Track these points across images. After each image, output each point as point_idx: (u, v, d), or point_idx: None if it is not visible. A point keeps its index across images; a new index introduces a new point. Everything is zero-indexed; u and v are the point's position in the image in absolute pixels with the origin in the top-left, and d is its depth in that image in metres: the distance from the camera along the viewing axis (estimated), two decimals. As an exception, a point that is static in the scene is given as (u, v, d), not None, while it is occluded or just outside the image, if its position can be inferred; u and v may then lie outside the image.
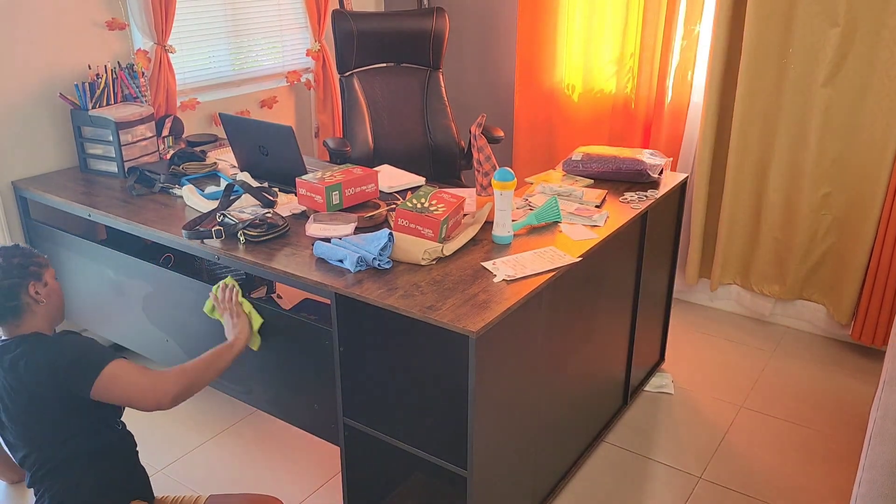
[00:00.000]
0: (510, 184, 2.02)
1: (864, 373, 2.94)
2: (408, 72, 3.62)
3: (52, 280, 1.85)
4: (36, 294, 1.78)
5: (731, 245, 3.24)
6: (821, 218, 3.00)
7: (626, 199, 2.42)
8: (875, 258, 2.88)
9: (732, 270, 3.30)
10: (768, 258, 3.18)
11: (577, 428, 2.37)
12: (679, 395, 2.81)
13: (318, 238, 2.06)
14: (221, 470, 2.41)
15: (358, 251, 1.92)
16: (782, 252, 3.13)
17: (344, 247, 1.96)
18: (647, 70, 3.31)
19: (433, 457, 1.82)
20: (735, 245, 3.24)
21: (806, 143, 2.94)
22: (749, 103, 2.99)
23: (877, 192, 2.83)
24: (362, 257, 1.90)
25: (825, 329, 3.20)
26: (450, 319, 1.66)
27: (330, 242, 2.01)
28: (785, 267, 3.14)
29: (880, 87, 2.74)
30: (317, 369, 2.01)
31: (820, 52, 2.81)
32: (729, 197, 3.15)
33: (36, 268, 1.80)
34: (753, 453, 2.48)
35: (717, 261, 3.26)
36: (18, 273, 1.76)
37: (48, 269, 1.85)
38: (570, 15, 3.44)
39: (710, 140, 3.12)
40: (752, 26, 2.88)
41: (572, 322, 2.13)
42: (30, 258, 1.81)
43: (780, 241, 3.12)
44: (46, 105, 2.75)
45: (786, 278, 3.15)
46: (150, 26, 2.88)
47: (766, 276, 3.21)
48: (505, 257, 1.98)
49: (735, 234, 3.22)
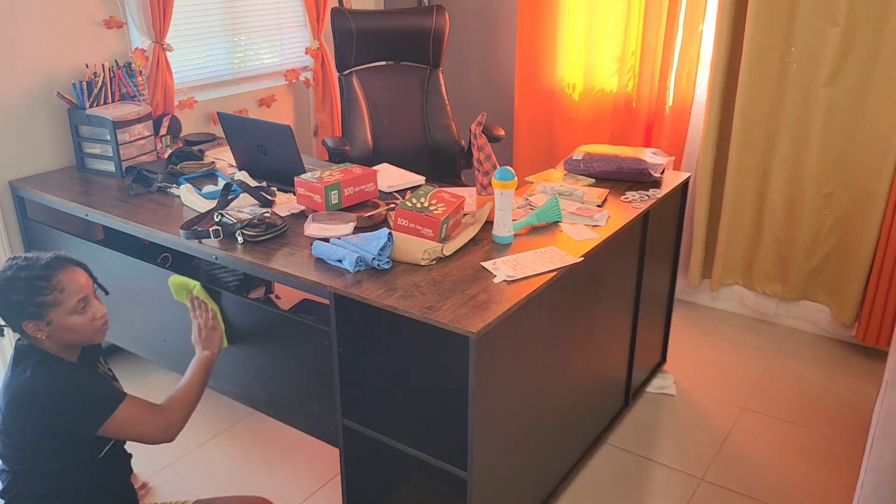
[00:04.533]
0: (511, 183, 2.01)
1: (867, 374, 2.92)
2: (407, 70, 3.60)
3: (61, 317, 1.64)
4: (36, 331, 1.64)
5: (733, 245, 3.23)
6: (823, 217, 2.98)
7: (628, 199, 2.41)
8: (879, 258, 2.87)
9: (735, 271, 3.28)
10: (771, 258, 3.16)
11: (578, 429, 2.35)
12: (681, 396, 2.79)
13: (316, 238, 2.04)
14: (220, 472, 2.39)
15: (357, 251, 1.90)
16: (785, 252, 3.12)
17: (343, 247, 1.95)
18: (649, 69, 3.29)
19: (433, 458, 1.81)
20: (737, 245, 3.22)
21: (808, 143, 2.92)
22: (751, 102, 2.98)
23: (880, 192, 2.81)
24: (361, 257, 1.89)
25: (828, 330, 3.18)
26: (450, 320, 1.65)
27: (329, 242, 1.99)
28: (788, 267, 3.13)
29: (882, 87, 2.73)
30: (316, 370, 2.00)
31: (821, 52, 2.79)
32: (731, 196, 3.13)
33: (35, 308, 1.61)
34: (755, 455, 2.47)
35: (719, 261, 3.25)
36: (16, 310, 1.62)
37: (58, 307, 1.63)
38: (572, 13, 3.43)
39: (713, 140, 3.11)
40: (754, 25, 2.87)
41: (573, 322, 2.11)
42: (32, 295, 1.61)
43: (783, 240, 3.11)
44: (44, 104, 2.73)
45: (788, 278, 3.14)
46: (147, 25, 2.87)
47: (769, 276, 3.20)
48: (505, 257, 1.97)
49: (737, 234, 3.20)
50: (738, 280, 3.30)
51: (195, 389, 1.86)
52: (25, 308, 1.61)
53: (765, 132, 3.02)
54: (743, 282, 3.29)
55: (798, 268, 3.09)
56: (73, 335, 1.68)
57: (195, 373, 1.90)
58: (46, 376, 1.63)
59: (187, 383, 1.86)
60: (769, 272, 3.19)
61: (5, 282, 1.62)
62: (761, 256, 3.19)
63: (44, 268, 1.64)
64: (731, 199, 3.13)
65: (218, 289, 2.17)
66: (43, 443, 1.64)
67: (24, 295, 1.61)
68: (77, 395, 1.63)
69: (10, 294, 1.61)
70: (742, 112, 3.00)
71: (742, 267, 3.26)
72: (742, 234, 3.20)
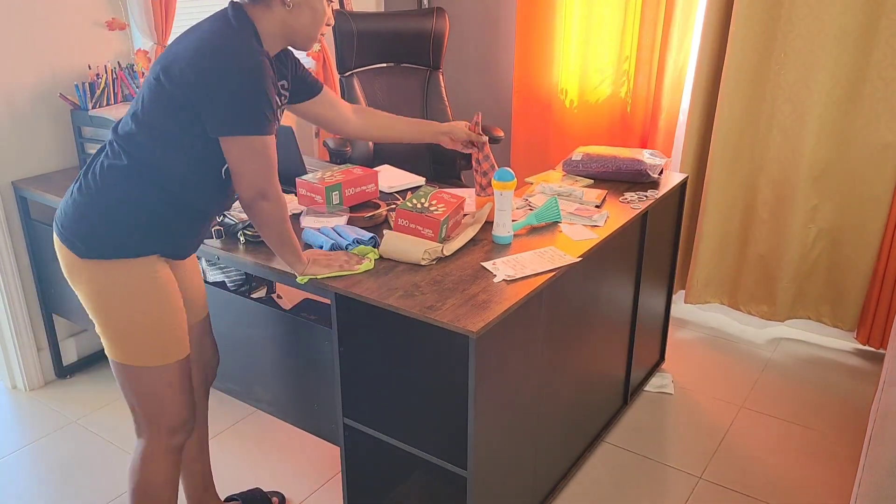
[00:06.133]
0: (510, 184, 2.02)
1: (865, 373, 2.94)
2: (408, 72, 3.62)
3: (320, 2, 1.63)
4: None
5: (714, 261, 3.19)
6: (808, 230, 2.94)
7: (626, 199, 2.42)
8: (882, 261, 2.85)
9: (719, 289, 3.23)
10: (755, 276, 3.12)
11: (577, 428, 2.37)
12: (679, 395, 2.80)
13: (311, 228, 2.09)
14: (221, 470, 2.41)
15: (333, 240, 1.98)
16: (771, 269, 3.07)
17: (325, 234, 2.03)
18: (644, 74, 3.30)
19: (433, 457, 1.82)
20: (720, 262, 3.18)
21: (799, 150, 2.87)
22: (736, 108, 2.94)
23: (882, 196, 2.79)
24: (337, 244, 1.95)
25: (826, 331, 3.19)
26: (450, 319, 1.66)
27: (319, 231, 2.05)
28: (774, 284, 3.07)
29: (873, 90, 2.71)
30: (317, 369, 2.01)
31: (810, 56, 2.76)
32: (713, 209, 3.10)
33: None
34: (754, 453, 2.48)
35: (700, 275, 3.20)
36: None
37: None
38: (568, 17, 3.43)
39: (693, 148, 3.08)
40: (739, 30, 2.83)
41: (572, 322, 2.13)
42: None
43: (768, 256, 3.07)
44: (46, 105, 2.75)
45: (775, 297, 3.09)
46: (150, 26, 2.88)
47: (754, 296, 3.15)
48: (505, 257, 1.98)
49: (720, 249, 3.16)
50: (722, 300, 3.26)
51: (279, 242, 1.75)
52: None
53: (752, 138, 2.98)
54: (728, 301, 3.25)
55: (785, 286, 3.03)
56: (299, 26, 1.64)
57: (291, 233, 1.77)
58: (235, 47, 1.55)
59: (286, 238, 1.75)
60: (754, 291, 3.14)
61: None
62: (746, 274, 3.14)
63: None
64: (714, 212, 3.10)
65: (219, 289, 2.18)
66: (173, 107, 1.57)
67: None
68: (232, 85, 1.53)
69: None
70: (727, 117, 2.96)
71: (727, 285, 3.22)
72: (726, 249, 3.16)
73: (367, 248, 1.97)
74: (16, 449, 2.53)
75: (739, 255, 3.17)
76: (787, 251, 2.99)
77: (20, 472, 2.42)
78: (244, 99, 1.55)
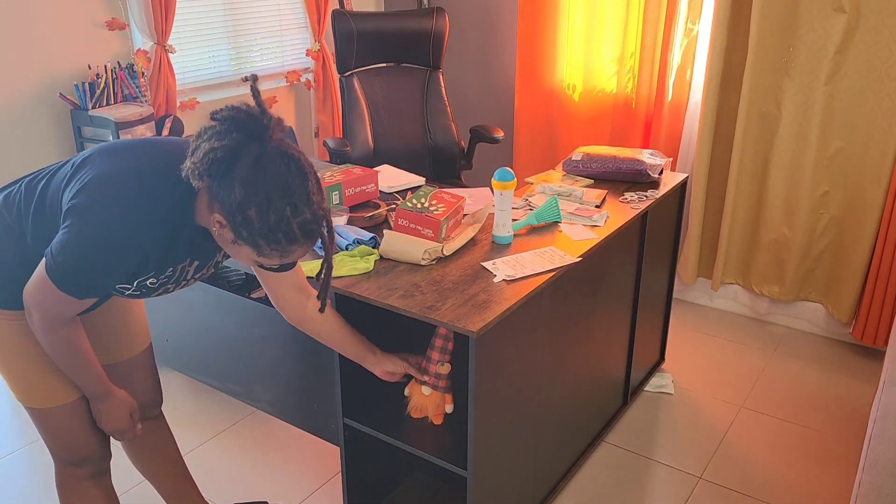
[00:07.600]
0: (510, 184, 2.02)
1: (865, 373, 2.94)
2: (408, 72, 3.62)
3: (244, 249, 1.32)
4: (212, 220, 1.33)
5: (732, 245, 3.24)
6: (819, 217, 3.00)
7: (626, 199, 2.42)
8: (877, 257, 2.88)
9: (734, 270, 3.29)
10: (767, 258, 3.18)
11: (578, 428, 2.37)
12: (679, 395, 2.80)
13: None
14: (221, 470, 2.41)
15: None
16: (782, 252, 3.13)
17: None
18: (648, 69, 3.31)
19: (433, 457, 1.82)
20: (735, 245, 3.24)
21: (806, 142, 2.93)
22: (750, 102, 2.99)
23: (877, 192, 2.83)
24: (337, 244, 1.96)
25: (825, 329, 3.20)
26: (450, 319, 1.66)
27: None
28: (784, 267, 3.14)
29: (880, 87, 2.74)
30: (317, 369, 2.01)
31: (821, 51, 2.80)
32: (730, 196, 3.14)
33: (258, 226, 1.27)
34: (753, 453, 2.48)
35: (719, 260, 3.26)
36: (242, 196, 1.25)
37: (262, 248, 1.30)
38: (571, 14, 3.44)
39: (708, 140, 3.12)
40: (756, 25, 2.87)
41: (572, 322, 2.13)
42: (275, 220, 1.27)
43: (780, 241, 3.12)
44: (47, 105, 2.75)
45: (785, 279, 3.15)
46: (150, 26, 2.88)
47: (766, 277, 3.21)
48: (505, 257, 1.98)
49: (735, 234, 3.21)
50: (737, 280, 3.32)
51: (70, 366, 1.55)
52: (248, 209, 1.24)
53: (762, 131, 3.03)
54: (742, 282, 3.31)
55: (795, 268, 3.10)
56: (225, 246, 1.38)
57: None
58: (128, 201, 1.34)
59: (84, 365, 1.55)
60: (766, 273, 3.21)
61: (284, 172, 1.25)
62: (759, 256, 3.20)
63: (313, 221, 1.30)
64: (731, 199, 3.15)
65: (219, 289, 2.18)
66: None
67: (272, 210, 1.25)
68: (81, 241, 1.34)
69: (269, 187, 1.24)
70: (743, 111, 3.00)
71: (741, 266, 3.28)
72: (740, 234, 3.21)
73: (367, 249, 1.97)
74: (16, 449, 2.53)
75: (753, 239, 3.22)
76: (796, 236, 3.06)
77: (20, 473, 2.42)
78: (80, 253, 1.35)
